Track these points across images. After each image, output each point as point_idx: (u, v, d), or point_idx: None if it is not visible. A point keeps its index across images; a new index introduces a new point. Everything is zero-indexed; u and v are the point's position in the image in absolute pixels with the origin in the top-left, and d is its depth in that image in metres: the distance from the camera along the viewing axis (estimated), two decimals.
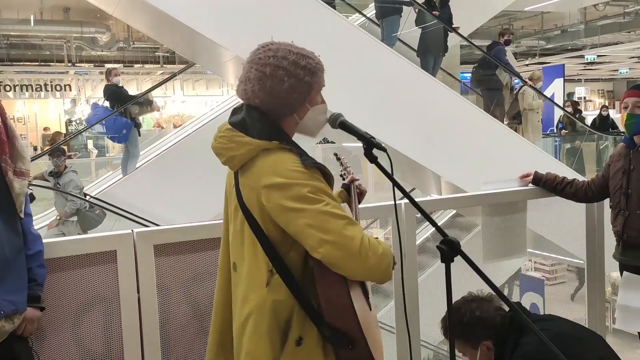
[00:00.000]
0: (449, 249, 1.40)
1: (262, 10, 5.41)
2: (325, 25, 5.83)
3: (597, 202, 2.85)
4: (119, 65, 14.76)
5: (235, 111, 1.62)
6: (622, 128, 2.57)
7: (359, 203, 1.88)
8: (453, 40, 8.41)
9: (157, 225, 4.71)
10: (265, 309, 1.46)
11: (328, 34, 5.83)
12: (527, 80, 8.72)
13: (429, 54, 7.69)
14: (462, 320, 2.03)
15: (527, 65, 18.62)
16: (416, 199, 1.63)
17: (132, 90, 17.17)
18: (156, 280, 1.99)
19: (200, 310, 2.06)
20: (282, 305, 1.46)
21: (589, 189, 2.74)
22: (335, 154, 1.77)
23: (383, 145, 1.60)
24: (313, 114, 1.59)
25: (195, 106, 18.04)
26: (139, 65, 16.47)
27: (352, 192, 1.83)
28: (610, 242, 2.77)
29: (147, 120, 15.92)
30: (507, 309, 2.10)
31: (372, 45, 6.27)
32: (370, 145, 1.60)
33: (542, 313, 6.10)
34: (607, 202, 2.75)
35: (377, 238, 1.51)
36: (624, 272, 2.48)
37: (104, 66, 16.04)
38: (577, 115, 10.90)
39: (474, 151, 6.52)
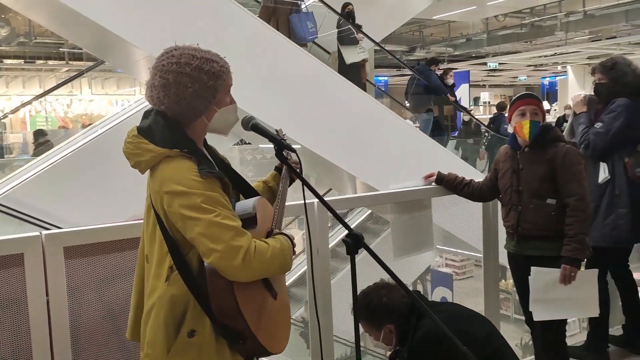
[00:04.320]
0: (353, 243, 1.52)
1: (176, 8, 5.35)
2: (239, 26, 5.85)
3: (490, 201, 3.09)
4: (19, 61, 13.92)
5: (146, 114, 1.67)
6: (519, 133, 2.74)
7: (291, 184, 1.92)
8: (367, 45, 8.68)
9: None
10: (164, 302, 1.55)
11: (242, 34, 5.85)
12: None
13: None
14: (369, 305, 2.23)
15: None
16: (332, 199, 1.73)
17: (34, 88, 16.31)
18: (67, 283, 1.96)
19: (113, 311, 2.05)
20: (179, 299, 1.55)
21: (481, 190, 2.98)
22: (277, 130, 1.82)
23: (296, 146, 1.68)
24: (221, 114, 1.66)
25: (104, 105, 17.35)
26: (41, 62, 15.62)
27: (283, 175, 1.89)
28: (501, 235, 3.02)
29: (52, 120, 15.15)
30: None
31: (287, 47, 6.36)
32: (280, 146, 1.70)
33: None
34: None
35: (281, 235, 1.63)
36: (532, 267, 2.67)
37: (2, 62, 15.10)
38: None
39: (387, 152, 6.78)
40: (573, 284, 2.59)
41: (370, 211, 7.33)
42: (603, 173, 3.11)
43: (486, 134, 10.27)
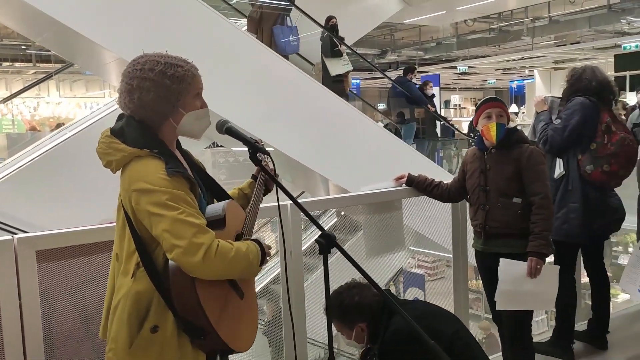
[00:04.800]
0: (326, 242, 1.57)
1: (148, 11, 5.32)
2: (212, 29, 5.85)
3: (459, 202, 3.17)
4: None
5: (120, 117, 1.73)
6: (486, 135, 2.81)
7: (268, 192, 1.95)
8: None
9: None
10: (129, 298, 1.59)
11: (215, 37, 5.85)
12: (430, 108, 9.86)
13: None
14: (341, 304, 2.28)
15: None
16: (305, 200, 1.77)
17: (0, 91, 15.94)
18: (39, 286, 1.95)
19: (87, 314, 2.05)
20: (144, 295, 1.59)
21: (450, 191, 3.06)
22: (256, 141, 1.85)
23: (270, 149, 1.72)
24: (190, 118, 1.71)
25: (72, 108, 17.06)
26: (7, 64, 15.30)
27: (258, 181, 1.92)
28: (470, 235, 3.10)
29: (18, 123, 14.82)
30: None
31: (261, 51, 6.38)
32: (254, 149, 1.74)
33: None
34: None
35: (250, 240, 1.67)
36: (501, 259, 2.75)
37: None
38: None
39: (359, 155, 6.85)
40: (537, 277, 2.68)
41: (336, 218, 7.40)
42: (558, 168, 3.22)
43: (471, 134, 10.54)
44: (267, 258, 1.73)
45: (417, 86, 10.07)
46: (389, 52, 16.93)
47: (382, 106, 21.96)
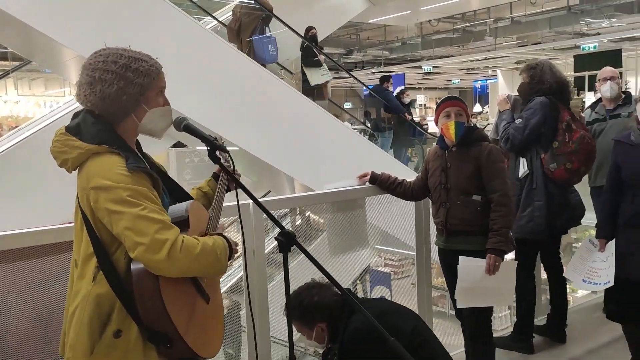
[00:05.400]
0: (286, 241, 1.56)
1: (107, 8, 5.21)
2: (175, 27, 5.76)
3: (422, 200, 3.20)
4: None
5: (75, 115, 1.66)
6: (446, 134, 2.85)
7: (229, 191, 1.92)
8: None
9: None
10: (89, 302, 1.53)
11: (178, 35, 5.77)
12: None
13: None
14: (300, 304, 2.27)
15: (373, 73, 19.85)
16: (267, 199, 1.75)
17: None
18: None
19: (42, 318, 1.99)
20: (105, 299, 1.53)
21: (413, 189, 3.08)
22: (215, 139, 1.83)
23: (235, 148, 1.70)
24: (152, 115, 1.66)
25: (31, 107, 16.58)
26: None
27: (220, 180, 1.89)
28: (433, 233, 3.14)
29: None
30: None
31: (225, 50, 6.32)
32: (213, 147, 1.71)
33: None
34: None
35: (217, 235, 1.63)
36: (460, 257, 2.78)
37: None
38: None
39: (325, 154, 6.86)
40: (496, 274, 2.72)
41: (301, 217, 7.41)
42: (522, 168, 3.30)
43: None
44: (235, 255, 1.69)
45: (394, 94, 10.24)
46: (355, 51, 17.01)
47: (348, 106, 22.09)
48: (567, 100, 3.36)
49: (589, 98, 11.25)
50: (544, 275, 3.82)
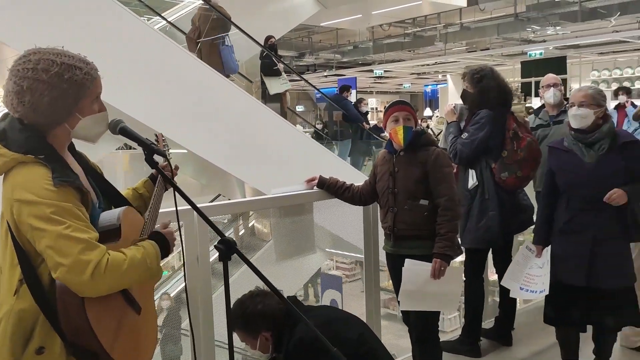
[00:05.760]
0: (226, 249, 1.49)
1: (48, 4, 4.99)
2: (121, 26, 5.58)
3: (370, 204, 3.17)
4: None
5: (3, 117, 1.56)
6: (394, 138, 2.84)
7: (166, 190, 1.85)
8: (255, 49, 8.69)
9: None
10: (11, 317, 1.46)
11: (124, 35, 5.59)
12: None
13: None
14: (244, 313, 2.20)
15: (325, 76, 19.91)
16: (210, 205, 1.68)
17: None
18: None
19: None
20: (28, 314, 1.46)
21: (361, 194, 3.06)
22: (156, 135, 1.73)
23: (182, 151, 1.63)
24: (87, 123, 1.58)
25: None
26: None
27: (157, 184, 1.82)
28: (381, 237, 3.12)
29: None
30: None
31: (175, 52, 6.18)
32: (150, 151, 1.63)
33: (340, 308, 6.59)
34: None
35: (147, 241, 1.57)
36: (406, 260, 2.77)
37: None
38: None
39: (276, 157, 6.79)
40: (441, 279, 2.72)
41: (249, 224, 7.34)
42: (471, 179, 3.33)
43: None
44: (173, 247, 1.63)
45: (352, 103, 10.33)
46: (307, 54, 17.01)
47: (300, 109, 22.07)
48: (511, 106, 3.41)
49: (536, 103, 11.58)
50: (493, 277, 3.87)
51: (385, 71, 18.99)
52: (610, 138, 2.75)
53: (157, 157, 1.69)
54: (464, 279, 3.45)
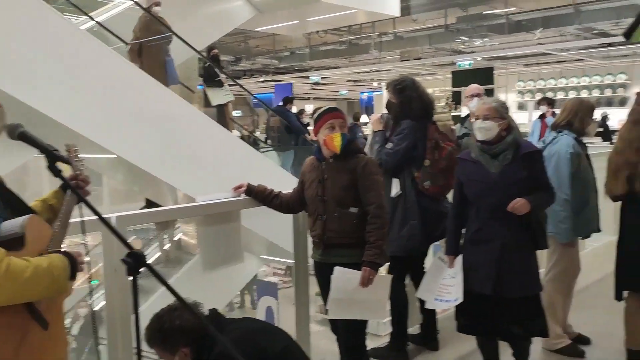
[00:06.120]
0: (134, 262, 1.41)
1: None
2: (41, 24, 5.30)
3: (299, 212, 3.12)
4: None
5: None
6: (329, 145, 2.80)
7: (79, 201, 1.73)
8: (188, 53, 8.50)
9: None
10: None
11: (48, 33, 5.32)
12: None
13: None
14: (161, 328, 2.10)
15: (262, 81, 19.80)
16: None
17: None
18: None
19: None
20: None
21: (290, 202, 3.01)
22: (68, 146, 1.61)
23: (110, 157, 1.53)
24: None
25: None
26: None
27: (68, 194, 1.70)
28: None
29: None
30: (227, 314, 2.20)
31: (101, 52, 5.92)
32: (53, 158, 1.53)
33: (276, 315, 6.50)
34: None
35: (54, 253, 1.46)
36: (335, 268, 2.74)
37: None
38: None
39: (209, 162, 6.63)
40: (370, 287, 2.72)
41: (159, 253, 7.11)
42: (395, 188, 3.37)
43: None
44: (80, 271, 1.53)
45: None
46: (244, 59, 16.86)
47: (237, 114, 21.83)
48: (432, 117, 3.47)
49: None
50: None
51: (322, 78, 19.09)
52: (513, 149, 2.82)
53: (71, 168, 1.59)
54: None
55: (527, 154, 2.83)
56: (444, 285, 3.01)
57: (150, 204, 5.90)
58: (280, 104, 10.56)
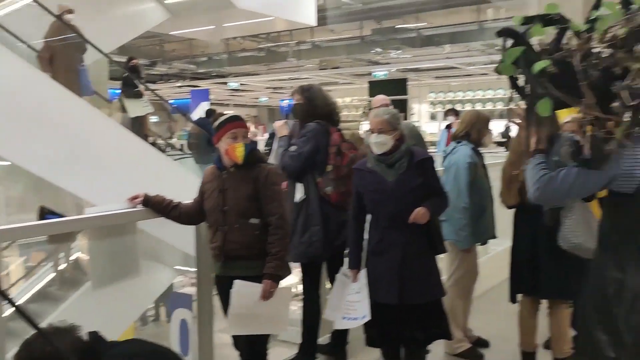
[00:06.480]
0: None
1: None
2: None
3: (199, 224, 3.02)
4: None
5: None
6: (232, 155, 2.74)
7: None
8: (97, 55, 8.14)
9: None
10: None
11: None
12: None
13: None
14: (31, 357, 1.91)
15: (179, 87, 19.31)
16: None
17: None
18: None
19: None
20: None
21: (189, 213, 2.91)
22: None
23: (5, 163, 1.38)
24: None
25: None
26: None
27: None
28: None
29: None
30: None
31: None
32: None
33: (191, 327, 6.26)
34: None
35: None
36: (235, 281, 2.66)
37: None
38: None
39: (118, 171, 6.34)
40: (271, 300, 2.68)
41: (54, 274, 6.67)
42: (299, 193, 3.35)
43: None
44: None
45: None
46: (159, 63, 16.38)
47: (155, 119, 21.15)
48: (337, 123, 3.49)
49: None
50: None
51: (241, 84, 18.90)
52: (407, 157, 2.89)
53: None
54: (303, 294, 3.46)
55: (420, 161, 2.89)
56: (349, 302, 2.96)
57: (44, 214, 5.56)
58: (203, 116, 10.29)
